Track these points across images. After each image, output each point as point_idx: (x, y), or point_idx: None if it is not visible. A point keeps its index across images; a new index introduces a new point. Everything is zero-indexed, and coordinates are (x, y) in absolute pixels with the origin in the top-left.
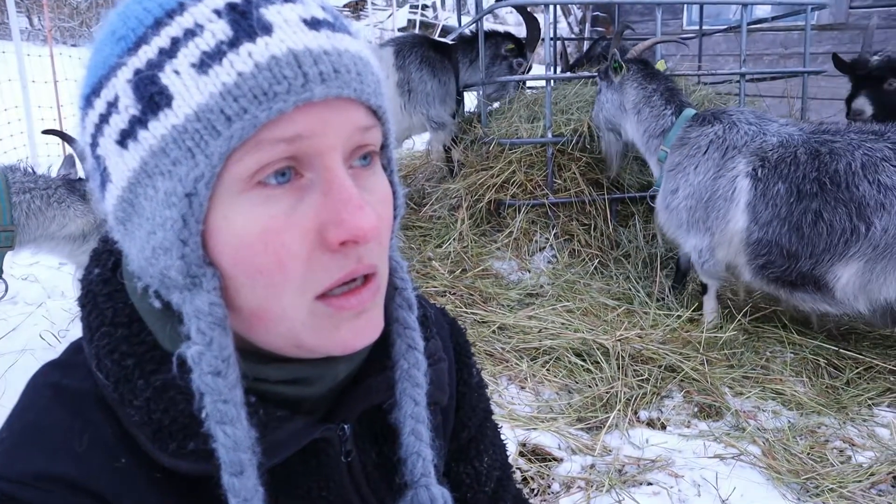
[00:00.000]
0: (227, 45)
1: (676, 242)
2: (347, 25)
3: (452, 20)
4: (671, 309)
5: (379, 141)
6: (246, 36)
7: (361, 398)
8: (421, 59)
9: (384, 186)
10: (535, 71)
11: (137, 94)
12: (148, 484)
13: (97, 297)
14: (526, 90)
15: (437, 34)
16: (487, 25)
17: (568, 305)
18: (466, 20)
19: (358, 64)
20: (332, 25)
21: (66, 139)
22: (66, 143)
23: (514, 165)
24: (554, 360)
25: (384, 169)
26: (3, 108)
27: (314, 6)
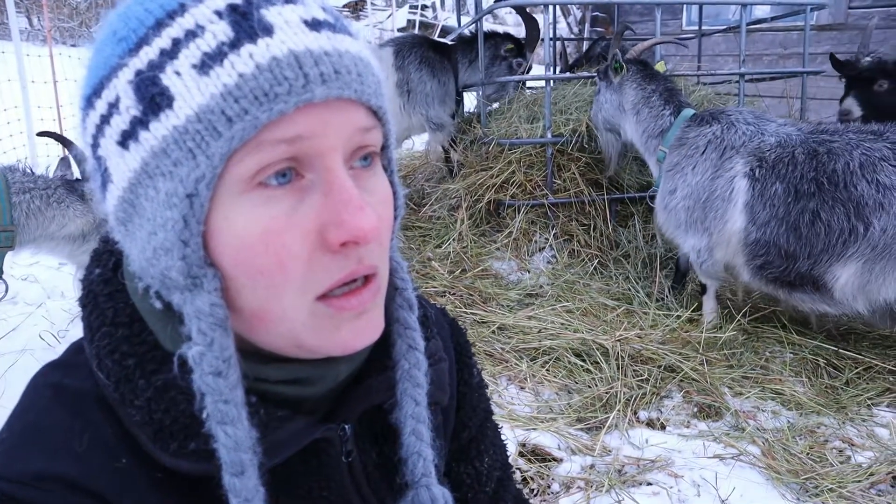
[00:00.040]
0: (228, 46)
1: (675, 243)
2: (348, 26)
3: (452, 20)
4: (671, 309)
5: (379, 142)
6: (247, 37)
7: (362, 398)
8: (420, 59)
9: (385, 187)
10: (534, 71)
11: (138, 94)
12: (149, 484)
13: (98, 297)
14: (525, 90)
15: (436, 34)
16: (487, 26)
17: (567, 306)
18: (466, 20)
19: (358, 65)
20: (332, 26)
21: (60, 140)
22: (61, 144)
23: (513, 166)
24: (553, 360)
25: (385, 170)
26: (2, 108)
27: (315, 7)
